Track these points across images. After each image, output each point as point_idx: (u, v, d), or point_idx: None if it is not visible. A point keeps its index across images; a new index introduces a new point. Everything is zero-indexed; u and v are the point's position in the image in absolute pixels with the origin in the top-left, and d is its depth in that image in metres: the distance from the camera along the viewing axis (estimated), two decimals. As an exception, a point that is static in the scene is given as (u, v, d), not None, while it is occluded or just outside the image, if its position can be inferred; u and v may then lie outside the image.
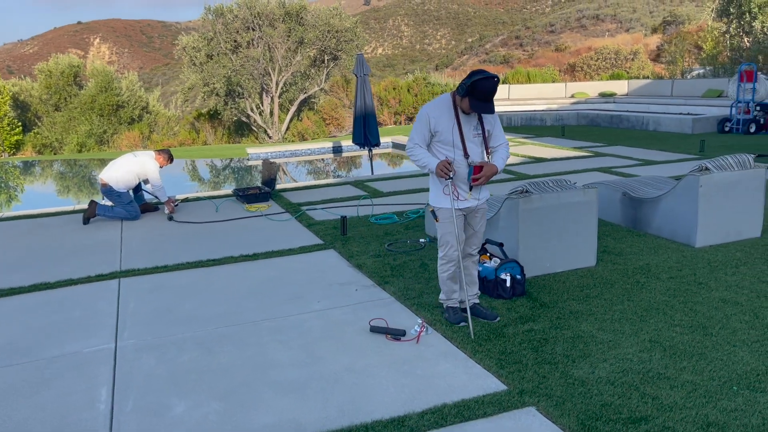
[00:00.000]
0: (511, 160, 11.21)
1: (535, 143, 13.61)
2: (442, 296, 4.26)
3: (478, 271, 4.67)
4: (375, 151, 14.32)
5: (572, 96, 19.67)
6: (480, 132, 3.91)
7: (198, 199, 8.82)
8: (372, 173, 11.36)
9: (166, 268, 5.66)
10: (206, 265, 5.73)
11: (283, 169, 13.46)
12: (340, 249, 6.05)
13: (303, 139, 22.05)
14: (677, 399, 3.12)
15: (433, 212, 4.03)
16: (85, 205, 8.40)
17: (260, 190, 8.54)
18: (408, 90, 22.63)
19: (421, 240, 6.13)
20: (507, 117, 18.27)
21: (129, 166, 7.62)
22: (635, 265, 5.20)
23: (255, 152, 15.52)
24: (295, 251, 6.07)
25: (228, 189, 10.30)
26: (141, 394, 3.42)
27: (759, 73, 13.72)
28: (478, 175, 3.82)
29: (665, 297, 4.47)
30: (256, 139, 23.41)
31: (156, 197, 7.94)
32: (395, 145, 16.10)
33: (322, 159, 15.14)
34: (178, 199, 8.46)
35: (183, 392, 3.42)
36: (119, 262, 5.93)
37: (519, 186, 5.02)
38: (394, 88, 22.80)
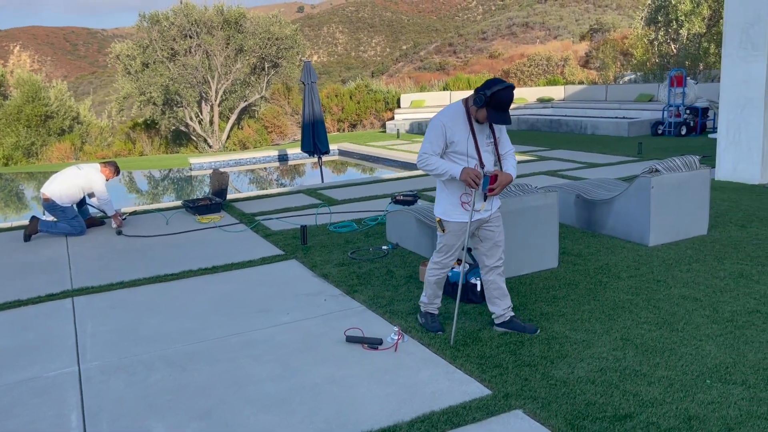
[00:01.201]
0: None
1: (481, 148, 13.84)
2: (423, 299, 4.20)
3: (448, 277, 4.70)
4: (323, 158, 14.23)
5: (511, 101, 20.15)
6: (492, 141, 3.82)
7: (146, 212, 8.52)
8: (322, 181, 11.28)
9: (121, 285, 5.43)
10: (164, 280, 5.52)
11: (228, 179, 13.18)
12: (302, 259, 5.96)
13: (244, 147, 21.69)
14: (656, 395, 3.21)
15: (439, 222, 3.85)
16: (23, 221, 7.97)
17: (211, 201, 8.33)
18: (350, 97, 22.62)
19: (384, 247, 6.12)
20: (450, 123, 18.53)
21: (73, 180, 7.28)
22: (595, 265, 5.35)
23: (198, 162, 15.15)
24: (256, 263, 5.94)
25: (176, 200, 9.99)
26: (114, 418, 3.25)
27: (688, 77, 14.45)
28: (494, 185, 3.71)
29: (628, 295, 4.61)
30: (196, 148, 22.87)
31: (102, 211, 7.62)
32: (342, 152, 16.05)
33: (265, 168, 14.93)
34: (125, 213, 8.15)
35: (159, 414, 3.27)
36: (70, 280, 5.65)
37: (483, 191, 5.07)
38: (336, 95, 22.75)
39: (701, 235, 6.07)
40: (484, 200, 3.83)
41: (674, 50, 20.93)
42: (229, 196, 9.26)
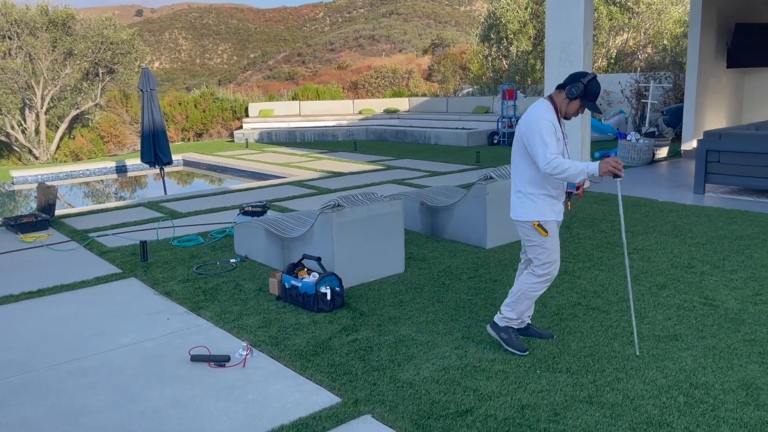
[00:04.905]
0: (311, 174, 11.39)
1: (331, 158, 13.99)
2: (510, 314, 3.83)
3: (298, 287, 4.68)
4: (166, 169, 13.56)
5: (360, 112, 20.57)
6: (564, 138, 3.70)
7: (-43, 231, 7.57)
8: (165, 193, 10.74)
9: (-75, 316, 4.77)
10: (-20, 308, 4.94)
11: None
12: (142, 277, 5.62)
13: (77, 158, 20.07)
14: (494, 388, 3.43)
15: (539, 227, 3.64)
16: None
17: (37, 218, 7.60)
18: (195, 105, 21.79)
19: (232, 260, 5.95)
20: (300, 133, 18.52)
21: None
22: (439, 268, 5.60)
23: (21, 175, 13.78)
24: (90, 283, 5.51)
25: (-6, 218, 8.97)
26: None
27: (518, 91, 15.67)
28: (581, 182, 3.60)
29: (469, 296, 4.89)
30: (20, 160, 20.74)
31: None
32: (187, 163, 15.41)
33: (102, 180, 13.93)
34: (-70, 234, 7.18)
35: (-27, 459, 2.91)
36: None
37: (331, 200, 5.12)
38: (179, 104, 21.79)
39: (532, 236, 6.58)
40: (569, 199, 3.76)
41: (506, 66, 22.61)
42: (58, 212, 8.51)
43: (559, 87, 3.63)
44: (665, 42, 19.89)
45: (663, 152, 11.80)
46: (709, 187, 8.77)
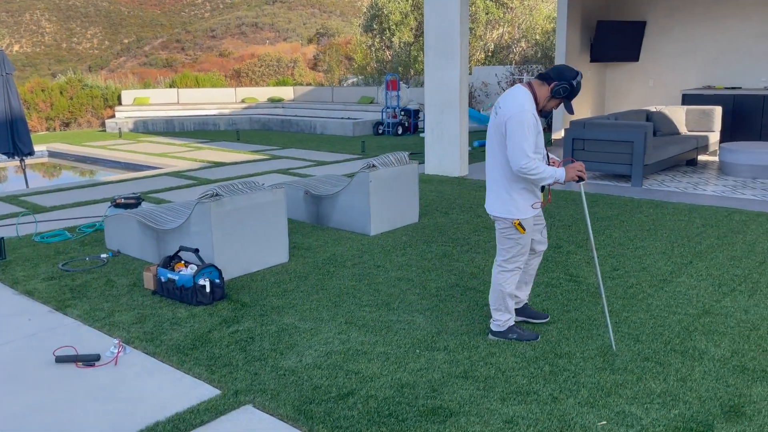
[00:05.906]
0: (190, 165, 10.97)
1: (212, 148, 13.55)
2: (503, 316, 3.75)
3: (175, 281, 4.50)
4: (28, 161, 12.53)
5: (243, 101, 20.06)
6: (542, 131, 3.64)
7: None
8: (27, 186, 9.93)
9: None
10: None
11: None
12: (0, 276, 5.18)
13: (-77, 150, 18.06)
14: (375, 370, 3.49)
15: (519, 225, 3.58)
16: None
17: None
18: (61, 92, 20.27)
19: (103, 255, 5.62)
20: (179, 122, 17.78)
21: None
22: (323, 256, 5.60)
23: None
24: (-62, 285, 5.00)
25: None
26: None
27: (401, 82, 15.94)
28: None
29: (353, 282, 4.93)
30: None
31: None
32: (53, 154, 14.33)
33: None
34: None
35: None
36: None
37: (209, 190, 4.96)
38: (42, 90, 20.18)
39: (413, 222, 6.75)
40: (542, 190, 3.70)
41: (389, 56, 22.93)
42: None
43: (542, 78, 3.50)
44: (537, 37, 21.01)
45: (535, 141, 12.46)
46: (575, 173, 9.37)
